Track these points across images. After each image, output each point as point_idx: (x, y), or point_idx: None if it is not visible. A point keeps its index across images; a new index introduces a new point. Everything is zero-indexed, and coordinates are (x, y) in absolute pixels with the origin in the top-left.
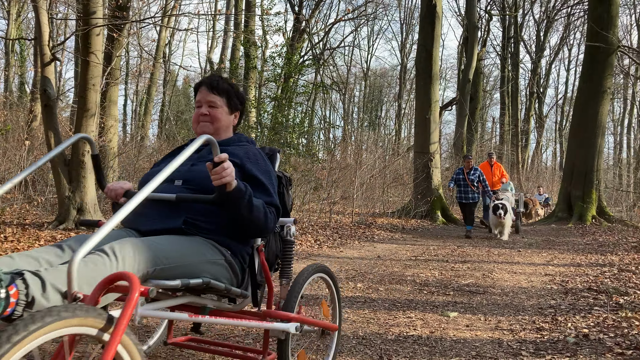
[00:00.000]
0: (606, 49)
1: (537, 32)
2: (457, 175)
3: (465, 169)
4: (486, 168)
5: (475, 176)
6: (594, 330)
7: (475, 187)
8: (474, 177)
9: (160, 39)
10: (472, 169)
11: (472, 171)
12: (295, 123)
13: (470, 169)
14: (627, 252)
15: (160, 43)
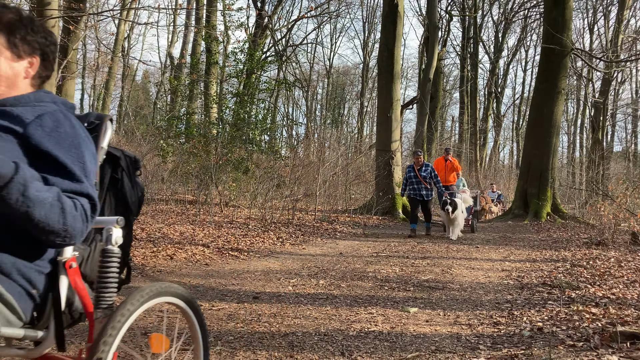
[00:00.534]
0: (561, 51)
1: (496, 33)
2: (409, 174)
3: (415, 166)
4: (441, 163)
5: (427, 172)
6: (547, 324)
7: (429, 184)
8: (425, 174)
9: (119, 32)
10: (423, 165)
11: (424, 167)
12: (258, 120)
13: (421, 165)
14: (579, 248)
15: (119, 37)
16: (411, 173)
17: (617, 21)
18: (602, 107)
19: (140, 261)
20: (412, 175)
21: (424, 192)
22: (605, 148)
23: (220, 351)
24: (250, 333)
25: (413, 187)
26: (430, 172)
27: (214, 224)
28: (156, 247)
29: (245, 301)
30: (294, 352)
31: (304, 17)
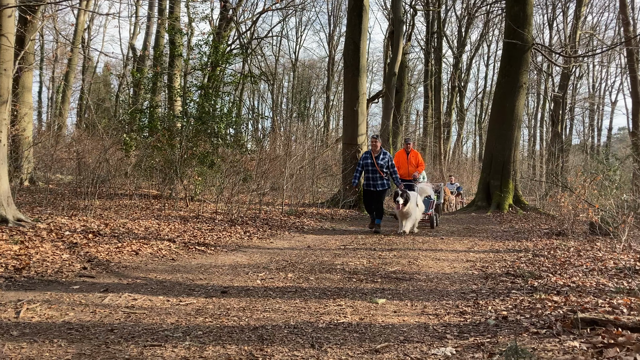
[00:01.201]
0: (522, 46)
1: (459, 28)
2: (365, 160)
3: (373, 152)
4: (402, 156)
5: (384, 161)
6: (512, 312)
7: (385, 174)
8: (383, 162)
9: (78, 23)
10: (380, 152)
11: (381, 155)
12: (223, 113)
13: (379, 152)
14: (540, 239)
15: (79, 27)
16: (368, 160)
17: (575, 17)
18: (561, 101)
19: (104, 257)
20: (368, 163)
21: (379, 181)
22: (564, 141)
23: (189, 346)
24: (219, 327)
25: (368, 177)
26: (387, 161)
27: (179, 219)
28: (121, 243)
29: (214, 296)
30: (264, 346)
31: (269, 9)
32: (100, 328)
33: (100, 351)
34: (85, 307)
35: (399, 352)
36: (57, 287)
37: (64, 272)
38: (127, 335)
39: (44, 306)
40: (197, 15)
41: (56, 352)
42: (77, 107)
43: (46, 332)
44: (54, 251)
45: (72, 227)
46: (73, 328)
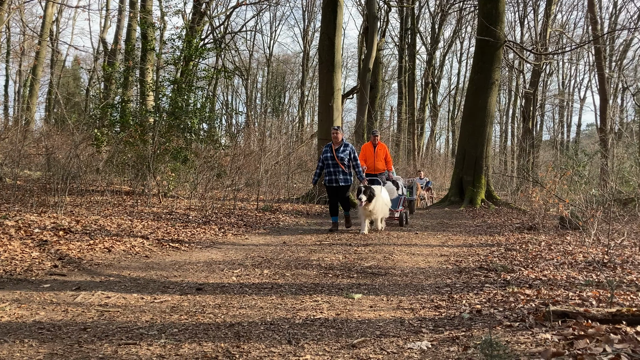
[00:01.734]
0: (494, 43)
1: (433, 24)
2: (325, 154)
3: (333, 145)
4: (368, 149)
5: (345, 154)
6: (485, 306)
7: (347, 168)
8: (344, 155)
9: (46, 15)
10: (342, 145)
11: (342, 147)
12: (196, 108)
13: (340, 145)
14: (512, 233)
15: (47, 20)
16: (328, 154)
17: (546, 15)
18: (532, 98)
19: (76, 255)
20: (328, 157)
21: (341, 176)
22: (534, 137)
23: (165, 344)
24: (195, 325)
25: (329, 172)
26: (349, 154)
27: (152, 215)
28: (93, 240)
29: (189, 293)
30: (240, 342)
31: (243, 4)
32: (72, 327)
33: (73, 351)
34: (56, 306)
35: (376, 347)
36: (27, 285)
37: (33, 271)
38: (100, 334)
39: (13, 305)
40: (169, 9)
41: (27, 352)
42: (46, 102)
43: (16, 332)
44: (23, 249)
45: (41, 224)
46: (44, 327)
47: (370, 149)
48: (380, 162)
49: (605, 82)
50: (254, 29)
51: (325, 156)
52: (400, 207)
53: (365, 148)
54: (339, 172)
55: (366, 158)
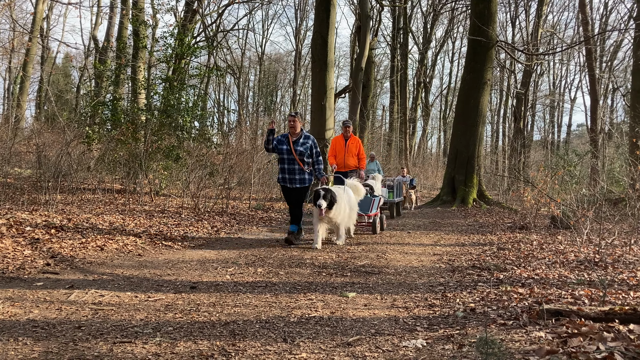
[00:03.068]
0: (486, 43)
1: (425, 24)
2: (279, 145)
3: (290, 135)
4: (339, 142)
5: (306, 147)
6: (479, 304)
7: (307, 165)
8: (303, 149)
9: (37, 11)
10: (301, 136)
11: (302, 139)
12: (188, 106)
13: (299, 136)
14: (504, 232)
15: (37, 16)
16: (283, 145)
17: (537, 16)
18: (523, 98)
19: (68, 253)
20: (284, 149)
21: (298, 176)
22: (526, 137)
23: (160, 342)
24: (190, 323)
25: (283, 168)
26: (310, 147)
27: (144, 214)
28: (85, 238)
29: (183, 291)
30: (236, 341)
31: (235, 2)
32: (67, 325)
33: (68, 349)
34: (50, 304)
35: (371, 345)
36: (20, 284)
37: (26, 269)
38: (95, 332)
39: (6, 304)
40: (162, 7)
41: (22, 350)
42: (36, 99)
43: (10, 330)
44: (15, 247)
45: (33, 222)
46: (38, 326)
47: (341, 143)
48: (352, 158)
49: (595, 83)
50: (246, 28)
51: (281, 148)
52: (374, 210)
53: (336, 142)
54: (295, 170)
55: (336, 153)
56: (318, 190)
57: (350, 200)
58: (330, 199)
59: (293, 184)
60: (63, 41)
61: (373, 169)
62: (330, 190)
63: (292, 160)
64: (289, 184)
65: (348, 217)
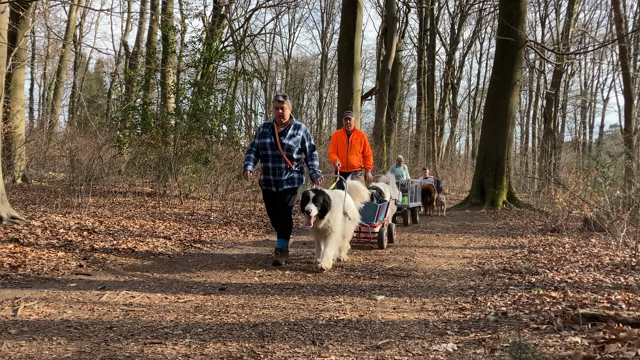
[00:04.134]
0: (515, 43)
1: (452, 25)
2: (262, 139)
3: (277, 125)
4: (341, 138)
5: (295, 140)
6: (511, 308)
7: (296, 163)
8: (292, 143)
9: (70, 19)
10: (290, 126)
11: (291, 130)
12: (217, 110)
13: (287, 126)
14: (535, 235)
15: (71, 24)
16: (267, 139)
17: (568, 15)
18: (554, 99)
19: (100, 255)
20: (267, 144)
21: (285, 175)
22: (556, 138)
23: (189, 344)
24: (219, 324)
25: (267, 167)
26: (301, 140)
27: (174, 216)
28: (116, 240)
29: (212, 293)
30: (264, 343)
31: (262, 6)
32: (99, 326)
33: (100, 349)
34: (83, 305)
35: (401, 349)
36: (54, 284)
37: (60, 270)
38: (126, 332)
39: (41, 304)
40: (190, 12)
41: (56, 350)
42: (69, 104)
43: (45, 330)
44: (49, 249)
45: (66, 224)
46: (72, 326)
47: (343, 139)
48: (356, 156)
49: (630, 82)
50: (272, 32)
51: (263, 142)
52: (382, 218)
53: (337, 137)
54: (282, 170)
55: (337, 150)
56: (307, 192)
57: (349, 208)
58: (323, 204)
59: (279, 187)
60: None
61: (401, 173)
62: (322, 192)
63: (277, 157)
64: (273, 187)
65: (340, 228)
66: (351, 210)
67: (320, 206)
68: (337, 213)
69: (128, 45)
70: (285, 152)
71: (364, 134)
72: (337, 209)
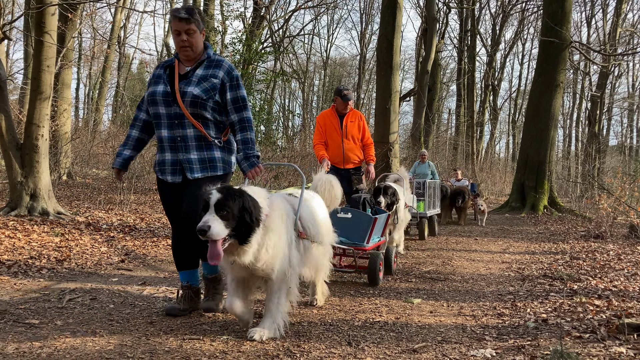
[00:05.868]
0: (559, 44)
1: (493, 26)
2: (153, 89)
3: (180, 63)
4: (330, 121)
5: (207, 88)
6: (551, 315)
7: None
8: (201, 91)
9: (115, 21)
10: (201, 63)
11: (203, 69)
12: (255, 110)
13: (198, 62)
14: (577, 241)
15: (116, 25)
16: (158, 87)
17: (616, 14)
18: (599, 101)
19: (141, 251)
20: (158, 94)
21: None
22: (601, 142)
23: (227, 340)
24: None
25: (161, 138)
26: (220, 86)
27: None
28: (156, 237)
29: None
30: (300, 342)
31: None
32: (139, 320)
33: (141, 343)
34: (124, 299)
35: (437, 353)
36: (97, 279)
37: (102, 265)
38: (166, 328)
39: (85, 297)
40: (231, 14)
41: (99, 342)
42: (113, 103)
43: (88, 322)
44: (92, 244)
45: (109, 220)
46: (114, 320)
47: (334, 122)
48: (354, 146)
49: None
50: (311, 33)
51: (153, 92)
52: (377, 237)
53: (325, 121)
54: (188, 143)
55: (327, 139)
56: (205, 193)
57: (314, 221)
58: (240, 217)
59: (188, 174)
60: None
61: (425, 172)
62: (243, 195)
63: (177, 118)
64: (169, 175)
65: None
66: (322, 227)
67: (232, 221)
68: (278, 238)
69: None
70: (189, 109)
71: (361, 114)
72: (277, 230)
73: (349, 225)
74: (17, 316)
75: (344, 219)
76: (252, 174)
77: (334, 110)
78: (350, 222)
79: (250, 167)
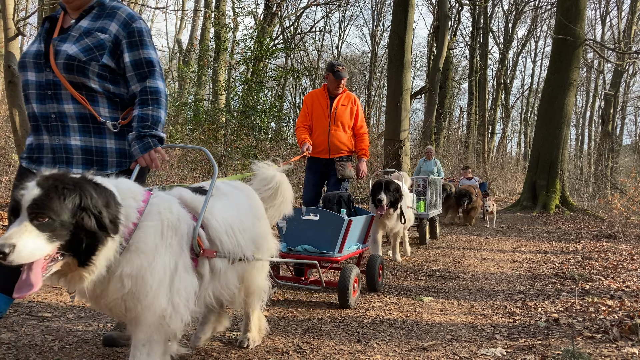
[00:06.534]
0: (573, 42)
1: (506, 23)
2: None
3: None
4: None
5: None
6: (563, 315)
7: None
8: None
9: None
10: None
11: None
12: (266, 107)
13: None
14: (589, 241)
15: None
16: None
17: (631, 12)
18: (613, 100)
19: None
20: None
21: (79, 139)
22: (614, 141)
23: (237, 337)
24: (266, 319)
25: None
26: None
27: None
28: None
29: None
30: (310, 339)
31: (313, 4)
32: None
33: None
34: None
35: (447, 351)
36: None
37: None
38: None
39: None
40: (242, 10)
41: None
42: None
43: (99, 316)
44: None
45: None
46: None
47: (323, 103)
48: (343, 133)
49: None
50: (323, 30)
51: (24, 53)
52: (355, 245)
53: (312, 101)
54: (63, 121)
55: (313, 121)
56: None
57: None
58: (76, 226)
59: (68, 168)
60: None
61: (431, 170)
62: (82, 187)
63: (50, 87)
64: (49, 166)
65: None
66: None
67: (62, 230)
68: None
69: (182, 43)
70: (65, 74)
71: (356, 98)
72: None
73: (317, 230)
74: (30, 309)
75: (311, 222)
76: (147, 160)
77: (325, 90)
78: (318, 226)
79: (143, 150)
